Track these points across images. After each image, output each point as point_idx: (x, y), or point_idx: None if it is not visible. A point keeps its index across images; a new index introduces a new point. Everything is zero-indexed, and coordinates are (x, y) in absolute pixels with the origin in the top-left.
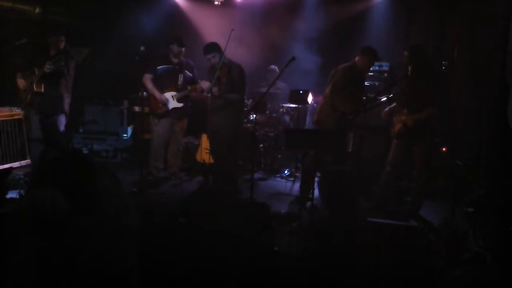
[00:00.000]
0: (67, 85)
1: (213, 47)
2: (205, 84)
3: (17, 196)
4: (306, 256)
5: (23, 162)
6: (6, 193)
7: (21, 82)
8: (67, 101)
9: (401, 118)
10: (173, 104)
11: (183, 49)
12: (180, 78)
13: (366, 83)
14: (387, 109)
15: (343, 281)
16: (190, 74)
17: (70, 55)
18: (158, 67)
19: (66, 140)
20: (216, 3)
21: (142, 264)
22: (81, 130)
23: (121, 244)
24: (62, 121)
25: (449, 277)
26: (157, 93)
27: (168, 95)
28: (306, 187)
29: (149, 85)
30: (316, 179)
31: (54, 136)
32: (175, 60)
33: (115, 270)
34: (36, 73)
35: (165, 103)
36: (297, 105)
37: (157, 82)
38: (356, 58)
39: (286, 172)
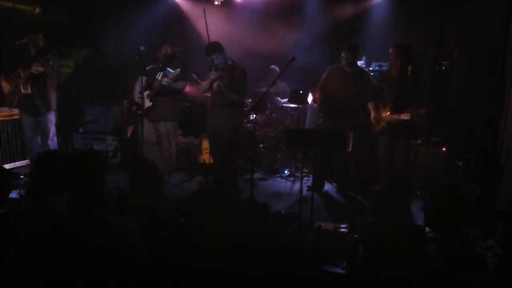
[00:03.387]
0: (52, 83)
1: (216, 48)
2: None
3: (17, 196)
4: (305, 256)
5: (23, 162)
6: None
7: (5, 86)
8: (54, 99)
9: (384, 117)
10: (147, 103)
11: (164, 46)
12: (158, 76)
13: None
14: (372, 114)
15: (343, 281)
16: (171, 71)
17: (52, 52)
18: (147, 68)
19: (60, 138)
20: (216, 3)
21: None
22: (81, 130)
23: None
24: (52, 119)
25: (449, 278)
26: (134, 94)
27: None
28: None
29: (136, 87)
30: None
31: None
32: (161, 59)
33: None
34: (22, 75)
35: (140, 103)
36: (297, 105)
37: (147, 82)
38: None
39: (286, 172)
